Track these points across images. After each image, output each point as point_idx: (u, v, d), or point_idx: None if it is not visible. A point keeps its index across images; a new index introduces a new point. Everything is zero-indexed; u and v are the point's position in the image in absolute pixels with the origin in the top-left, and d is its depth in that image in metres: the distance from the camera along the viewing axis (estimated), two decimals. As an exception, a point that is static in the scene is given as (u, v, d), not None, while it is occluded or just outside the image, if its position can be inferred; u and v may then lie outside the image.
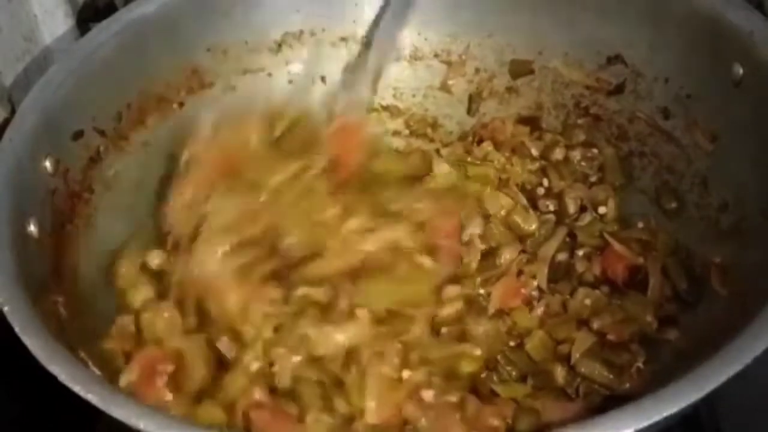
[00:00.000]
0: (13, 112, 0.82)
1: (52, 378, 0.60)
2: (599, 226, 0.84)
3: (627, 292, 0.79)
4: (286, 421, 0.69)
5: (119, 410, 0.57)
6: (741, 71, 0.75)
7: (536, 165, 0.89)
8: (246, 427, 0.69)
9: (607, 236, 0.82)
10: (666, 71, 0.83)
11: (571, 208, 0.85)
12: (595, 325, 0.76)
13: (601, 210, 0.85)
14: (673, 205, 0.82)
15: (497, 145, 0.90)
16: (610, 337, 0.75)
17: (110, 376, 0.70)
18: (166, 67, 0.87)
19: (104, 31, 0.85)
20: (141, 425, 0.56)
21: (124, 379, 0.71)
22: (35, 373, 0.61)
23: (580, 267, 0.82)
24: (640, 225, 0.83)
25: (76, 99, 0.80)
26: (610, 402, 0.59)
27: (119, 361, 0.74)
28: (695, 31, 0.80)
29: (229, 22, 0.89)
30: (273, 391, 0.72)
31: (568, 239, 0.84)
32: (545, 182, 0.88)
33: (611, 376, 0.73)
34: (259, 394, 0.70)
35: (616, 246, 0.80)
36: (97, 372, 0.66)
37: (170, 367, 0.72)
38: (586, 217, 0.85)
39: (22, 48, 0.93)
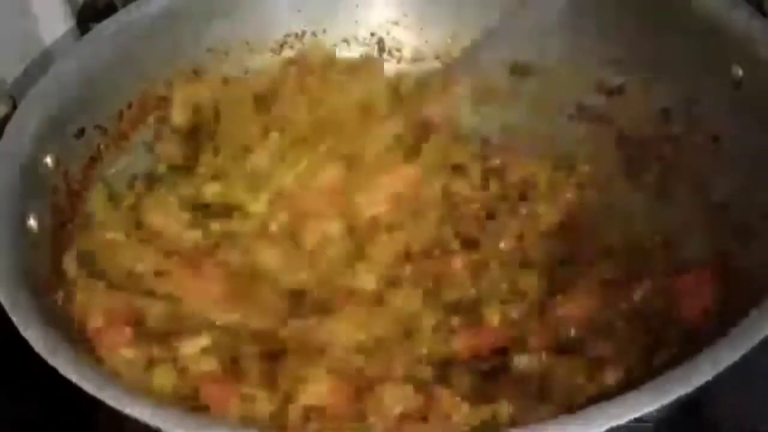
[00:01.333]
0: (14, 111, 0.82)
1: (53, 379, 0.59)
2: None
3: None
4: (234, 396, 0.67)
5: (130, 408, 0.56)
6: (741, 72, 0.76)
7: None
8: (194, 396, 0.68)
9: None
10: (666, 72, 0.83)
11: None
12: None
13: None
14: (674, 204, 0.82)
15: None
16: None
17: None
18: (166, 68, 0.87)
19: (104, 31, 0.85)
20: (159, 423, 0.55)
21: (91, 325, 0.71)
22: (35, 374, 0.61)
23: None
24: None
25: (76, 98, 0.80)
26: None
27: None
28: (695, 32, 0.80)
29: (230, 22, 0.89)
30: (233, 362, 0.71)
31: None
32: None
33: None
34: (211, 365, 0.70)
35: None
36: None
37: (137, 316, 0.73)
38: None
39: (22, 48, 0.93)
